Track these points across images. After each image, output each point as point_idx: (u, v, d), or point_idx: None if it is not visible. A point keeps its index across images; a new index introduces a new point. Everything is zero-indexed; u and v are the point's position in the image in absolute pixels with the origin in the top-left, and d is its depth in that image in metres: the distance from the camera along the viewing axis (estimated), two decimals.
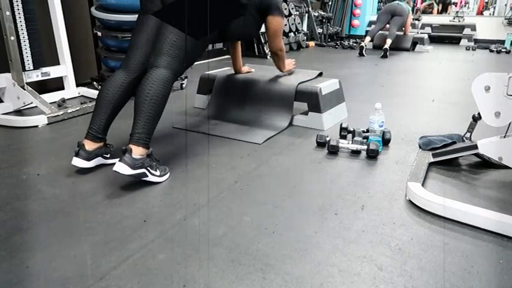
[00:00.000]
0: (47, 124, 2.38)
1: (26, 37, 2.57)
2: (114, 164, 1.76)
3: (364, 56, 5.85)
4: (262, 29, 2.44)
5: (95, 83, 3.37)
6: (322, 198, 1.54)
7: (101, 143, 1.75)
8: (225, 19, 1.59)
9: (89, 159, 1.70)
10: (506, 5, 8.81)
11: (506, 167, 1.59)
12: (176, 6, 1.42)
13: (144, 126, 1.58)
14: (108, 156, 1.79)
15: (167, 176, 1.69)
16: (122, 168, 1.51)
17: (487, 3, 11.73)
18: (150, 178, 1.60)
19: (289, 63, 2.63)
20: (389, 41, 5.82)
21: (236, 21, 2.03)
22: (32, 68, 2.65)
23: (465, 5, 10.92)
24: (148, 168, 1.58)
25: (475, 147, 1.65)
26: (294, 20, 6.39)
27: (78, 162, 1.68)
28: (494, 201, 1.53)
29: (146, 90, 1.60)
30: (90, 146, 1.71)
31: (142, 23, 1.80)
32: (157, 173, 1.63)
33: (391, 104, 2.96)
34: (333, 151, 1.99)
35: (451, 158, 1.82)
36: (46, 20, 2.85)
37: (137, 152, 1.55)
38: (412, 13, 7.72)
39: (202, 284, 1.06)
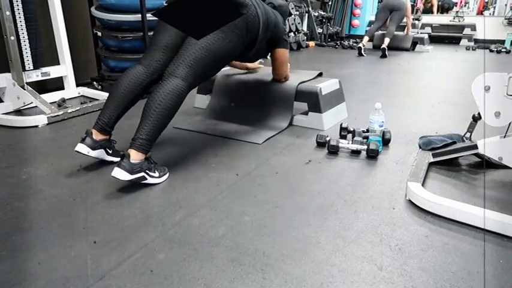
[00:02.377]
0: (47, 124, 2.38)
1: (26, 37, 2.57)
2: (112, 161, 1.77)
3: (363, 56, 5.86)
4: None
5: (95, 83, 3.37)
6: (322, 198, 1.54)
7: (107, 136, 1.76)
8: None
9: (93, 148, 1.70)
10: (506, 5, 8.82)
11: (506, 167, 1.59)
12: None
13: (149, 134, 1.57)
14: (110, 152, 1.78)
15: (166, 176, 1.69)
16: (120, 174, 1.51)
17: (487, 3, 11.74)
18: (150, 180, 1.60)
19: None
20: (387, 40, 5.82)
21: (254, 49, 2.05)
22: (32, 68, 2.65)
23: (465, 5, 10.92)
24: (146, 171, 1.58)
25: (475, 147, 1.65)
26: (294, 20, 6.39)
27: (83, 148, 1.67)
28: (494, 201, 1.53)
29: (158, 100, 1.59)
30: (96, 136, 1.72)
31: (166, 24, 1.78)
32: (156, 174, 1.63)
33: (391, 104, 2.95)
34: (333, 151, 1.99)
35: (451, 158, 1.82)
36: (46, 20, 2.85)
37: (136, 156, 1.55)
38: (412, 13, 7.71)
39: (202, 284, 1.06)
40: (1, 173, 1.73)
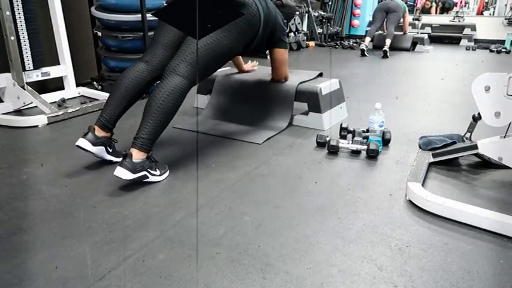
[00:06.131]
0: (47, 124, 2.38)
1: (26, 37, 2.57)
2: (112, 160, 1.77)
3: (366, 56, 5.85)
4: None
5: (95, 83, 3.37)
6: (322, 198, 1.54)
7: (108, 134, 1.76)
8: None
9: (95, 144, 1.70)
10: (506, 5, 8.82)
11: (506, 167, 1.59)
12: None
13: (151, 133, 1.59)
14: (110, 150, 1.78)
15: (167, 174, 1.70)
16: (122, 173, 1.52)
17: (487, 3, 11.74)
18: (151, 179, 1.61)
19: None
20: (388, 41, 5.83)
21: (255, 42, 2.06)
22: (32, 68, 2.65)
23: (465, 5, 10.93)
24: (148, 169, 1.59)
25: (475, 147, 1.65)
26: (294, 20, 6.39)
27: (84, 143, 1.67)
28: (494, 201, 1.53)
29: (160, 99, 1.60)
30: (98, 132, 1.72)
31: None
32: (157, 172, 1.64)
33: (391, 104, 2.96)
34: (333, 151, 1.99)
35: (451, 158, 1.82)
36: (46, 20, 2.85)
37: (138, 156, 1.56)
38: (411, 13, 7.73)
39: (202, 284, 1.06)
40: (1, 173, 1.73)
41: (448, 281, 1.09)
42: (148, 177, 1.59)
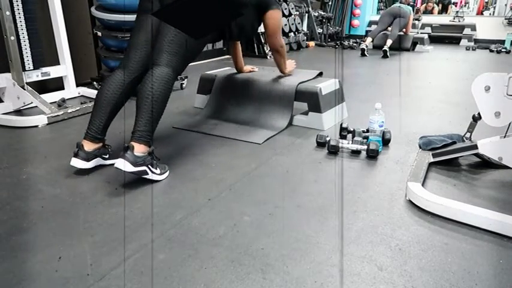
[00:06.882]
0: (47, 124, 2.38)
1: (26, 37, 2.57)
2: (113, 164, 1.77)
3: (366, 56, 5.85)
4: (262, 29, 2.44)
5: (95, 83, 3.37)
6: (322, 198, 1.54)
7: (100, 144, 1.75)
8: (225, 18, 1.59)
9: (87, 159, 1.70)
10: (506, 5, 8.82)
11: (506, 167, 1.59)
12: (174, 6, 1.41)
13: (146, 124, 1.59)
14: (107, 157, 1.78)
15: (167, 174, 1.69)
16: (123, 164, 1.52)
17: (487, 3, 11.74)
18: (151, 176, 1.61)
19: (290, 63, 2.65)
20: (389, 42, 5.84)
21: (235, 21, 2.03)
22: (32, 68, 2.65)
23: (465, 5, 10.93)
24: (149, 166, 1.59)
25: (475, 147, 1.65)
26: (294, 20, 6.39)
27: (77, 162, 1.68)
28: (494, 201, 1.53)
29: (148, 89, 1.62)
30: (89, 146, 1.71)
31: (141, 23, 1.81)
32: (158, 171, 1.64)
33: (391, 104, 2.95)
34: (333, 151, 1.99)
35: (451, 158, 1.82)
36: (46, 20, 2.85)
37: (139, 149, 1.56)
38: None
39: (202, 284, 1.06)
40: (1, 173, 1.73)
41: (448, 281, 1.09)
42: (148, 174, 1.59)
